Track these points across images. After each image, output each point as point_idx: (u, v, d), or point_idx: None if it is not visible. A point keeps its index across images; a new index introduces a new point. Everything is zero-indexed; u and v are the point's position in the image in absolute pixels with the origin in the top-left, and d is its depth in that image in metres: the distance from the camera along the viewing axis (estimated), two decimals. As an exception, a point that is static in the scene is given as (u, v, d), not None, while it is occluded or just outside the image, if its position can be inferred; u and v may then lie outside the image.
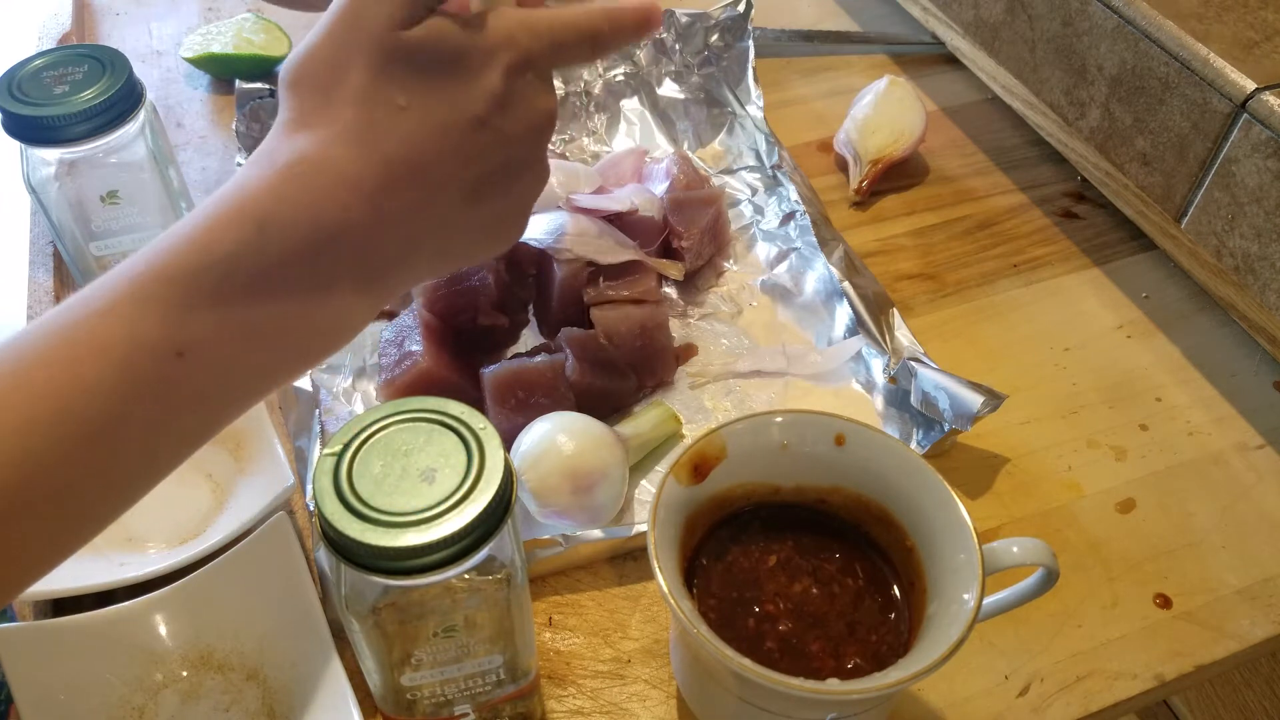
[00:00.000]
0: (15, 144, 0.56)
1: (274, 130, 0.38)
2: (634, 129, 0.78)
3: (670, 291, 0.67)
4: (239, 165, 0.69)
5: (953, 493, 0.43)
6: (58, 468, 0.32)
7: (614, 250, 0.62)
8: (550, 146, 0.76)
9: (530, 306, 0.65)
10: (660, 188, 0.69)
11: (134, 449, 0.34)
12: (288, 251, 0.35)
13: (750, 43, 0.78)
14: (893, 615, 0.45)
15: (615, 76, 0.79)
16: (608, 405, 0.59)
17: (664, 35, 0.79)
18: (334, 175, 0.36)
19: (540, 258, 0.63)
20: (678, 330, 0.65)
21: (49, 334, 0.33)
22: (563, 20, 0.41)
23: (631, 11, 0.42)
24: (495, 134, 0.39)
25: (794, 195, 0.69)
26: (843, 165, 0.77)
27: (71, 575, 0.49)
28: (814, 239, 0.66)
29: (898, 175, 0.76)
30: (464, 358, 0.60)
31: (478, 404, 0.53)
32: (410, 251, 0.38)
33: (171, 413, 0.34)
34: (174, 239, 0.35)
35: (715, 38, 0.80)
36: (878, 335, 0.61)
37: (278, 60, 0.82)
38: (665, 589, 0.40)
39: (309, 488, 0.53)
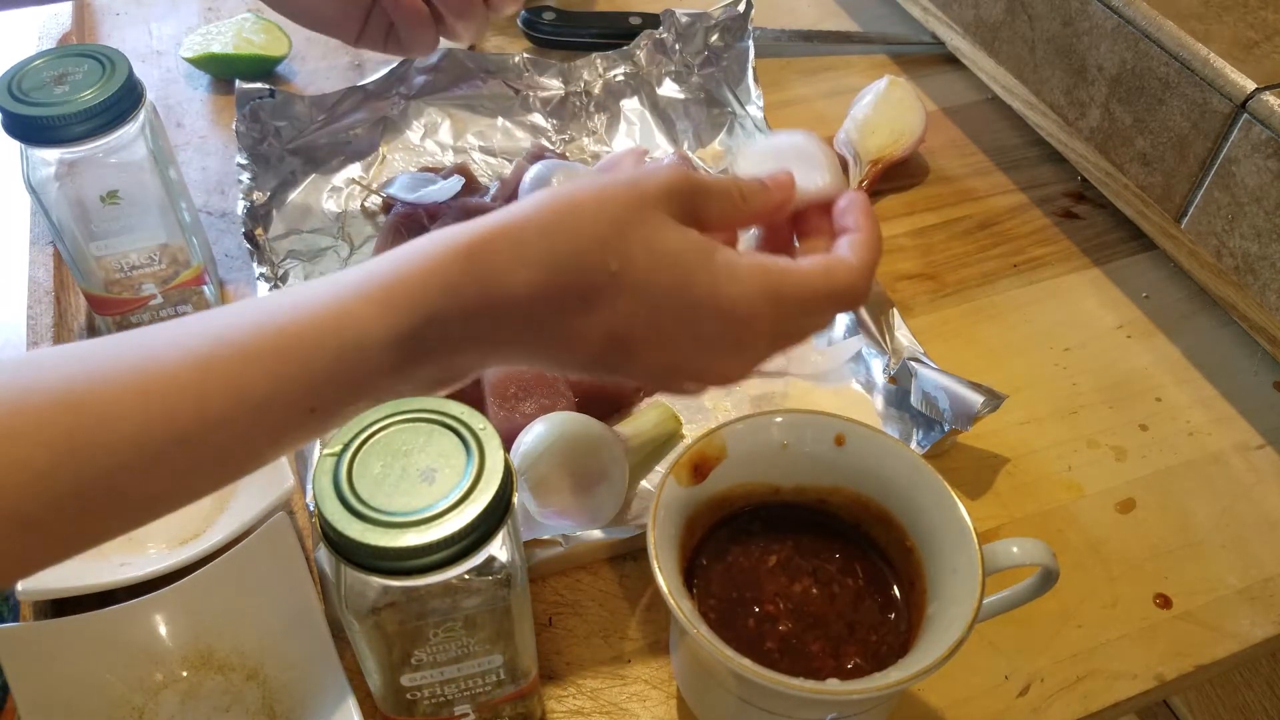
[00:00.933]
0: (15, 144, 0.56)
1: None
2: (634, 129, 0.78)
3: (670, 291, 0.67)
4: (239, 164, 0.69)
5: (952, 493, 0.43)
6: (149, 480, 0.34)
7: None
8: (550, 146, 0.76)
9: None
10: (660, 188, 0.69)
11: (226, 471, 0.35)
12: (427, 350, 0.36)
13: (750, 43, 0.78)
14: (892, 615, 0.45)
15: (615, 77, 0.79)
16: (608, 405, 0.59)
17: (664, 35, 0.80)
18: (504, 299, 0.36)
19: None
20: (678, 330, 0.64)
21: (188, 363, 0.33)
22: (825, 294, 0.41)
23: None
24: (698, 360, 0.40)
25: (794, 195, 0.69)
26: (843, 165, 0.77)
27: (71, 575, 0.49)
28: (814, 239, 0.66)
29: (898, 175, 0.76)
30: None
31: (478, 404, 0.53)
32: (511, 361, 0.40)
33: (273, 451, 0.35)
34: (325, 309, 0.34)
35: (715, 38, 0.80)
36: (878, 335, 0.61)
37: (277, 60, 0.82)
38: (665, 589, 0.40)
39: (309, 488, 0.53)
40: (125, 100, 0.56)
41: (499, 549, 0.37)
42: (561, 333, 0.38)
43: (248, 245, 0.65)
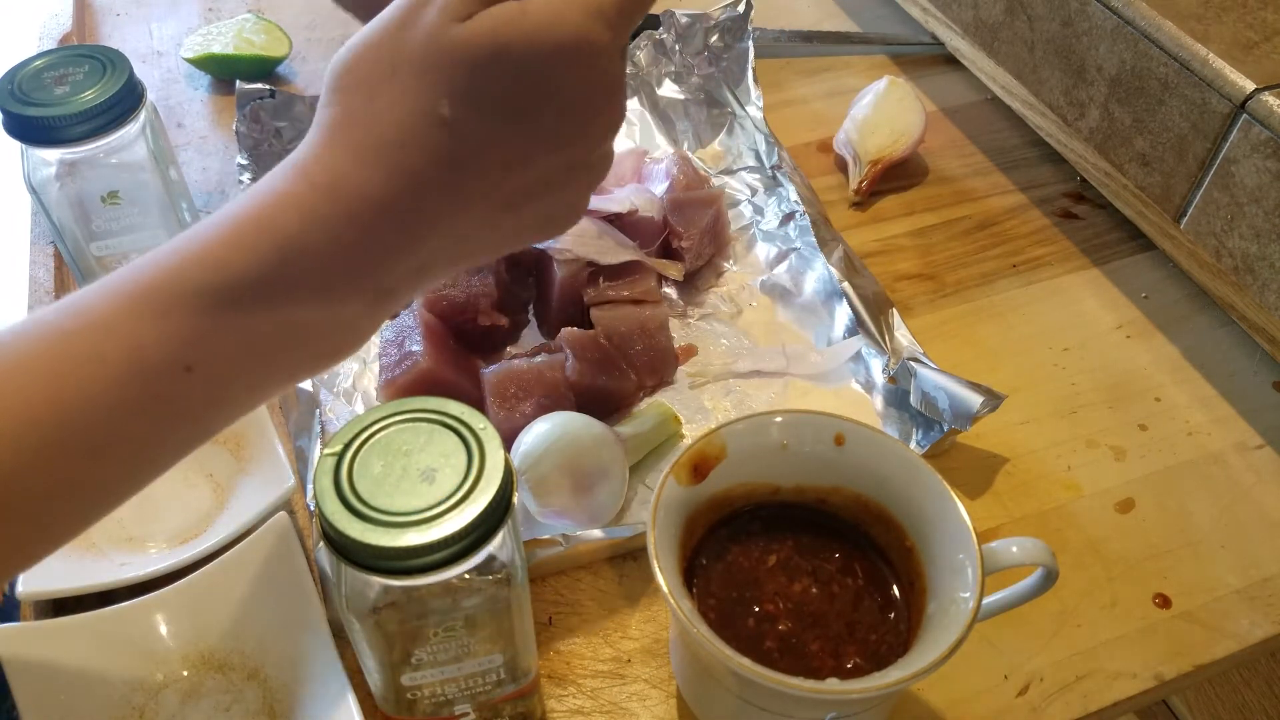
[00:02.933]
0: (16, 144, 0.56)
1: (312, 134, 0.36)
2: (634, 129, 0.78)
3: (670, 292, 0.67)
4: (239, 165, 0.69)
5: (952, 493, 0.43)
6: (40, 477, 0.31)
7: (614, 250, 0.62)
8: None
9: (530, 306, 0.65)
10: (660, 188, 0.69)
11: (127, 459, 0.33)
12: (304, 271, 0.34)
13: (750, 43, 0.78)
14: (892, 615, 0.45)
15: None
16: (608, 405, 0.59)
17: (664, 36, 0.80)
18: (360, 197, 0.34)
19: (540, 258, 0.63)
20: (678, 330, 0.65)
21: (44, 343, 0.31)
22: None
23: None
24: (553, 138, 0.36)
25: (794, 196, 0.69)
26: (842, 166, 0.77)
27: (72, 575, 0.49)
28: (813, 239, 0.66)
29: (897, 175, 0.76)
30: (464, 358, 0.60)
31: (478, 404, 0.53)
32: (433, 260, 0.37)
33: (171, 425, 0.34)
34: (185, 252, 0.34)
35: (715, 38, 0.80)
36: (877, 335, 0.61)
37: (278, 60, 0.82)
38: (665, 589, 0.40)
39: (309, 488, 0.53)
40: (126, 101, 0.56)
41: (499, 549, 0.37)
42: (443, 207, 0.36)
43: (248, 245, 0.65)
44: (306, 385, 0.58)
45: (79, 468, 0.32)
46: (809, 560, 0.46)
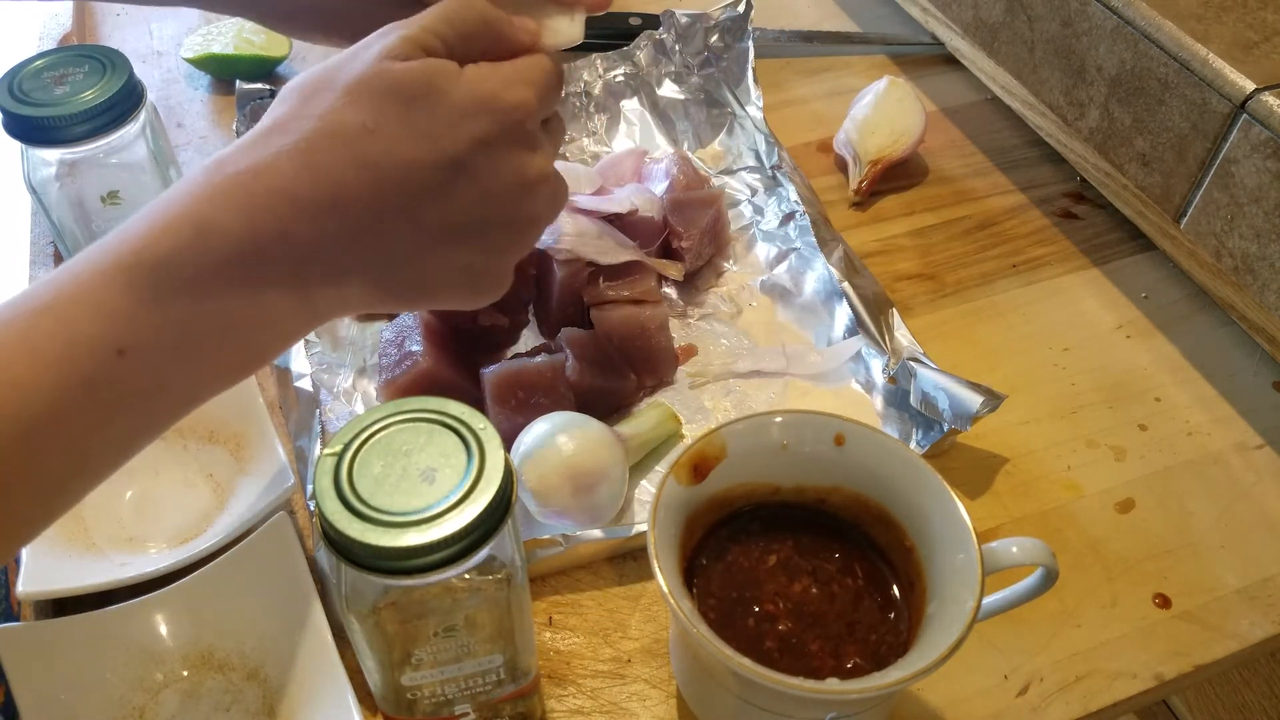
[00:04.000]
0: (16, 144, 0.56)
1: (243, 136, 0.38)
2: (634, 129, 0.78)
3: (670, 292, 0.67)
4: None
5: (952, 493, 0.43)
6: None
7: (614, 250, 0.62)
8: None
9: (530, 306, 0.65)
10: (660, 188, 0.69)
11: (67, 450, 0.33)
12: (223, 257, 0.35)
13: (750, 43, 0.78)
14: (892, 615, 0.45)
15: (615, 77, 0.79)
16: (608, 405, 0.59)
17: (664, 36, 0.80)
18: (276, 189, 0.36)
19: (540, 258, 0.63)
20: (678, 330, 0.65)
21: None
22: (547, 71, 0.41)
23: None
24: (472, 183, 0.39)
25: (794, 196, 0.69)
26: (842, 166, 0.77)
27: (72, 575, 0.49)
28: (813, 239, 0.66)
29: (897, 176, 0.76)
30: (464, 358, 0.60)
31: (478, 404, 0.53)
32: (354, 274, 0.38)
33: (108, 413, 0.34)
34: (116, 238, 0.35)
35: (715, 38, 0.80)
36: (877, 335, 0.61)
37: (278, 61, 0.82)
38: (665, 589, 0.40)
39: (309, 487, 0.53)
40: (126, 101, 0.56)
41: (499, 549, 0.37)
42: (364, 223, 0.37)
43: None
44: (306, 385, 0.58)
45: (17, 457, 0.32)
46: (809, 560, 0.46)
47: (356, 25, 0.52)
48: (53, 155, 0.56)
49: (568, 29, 0.44)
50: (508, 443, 0.54)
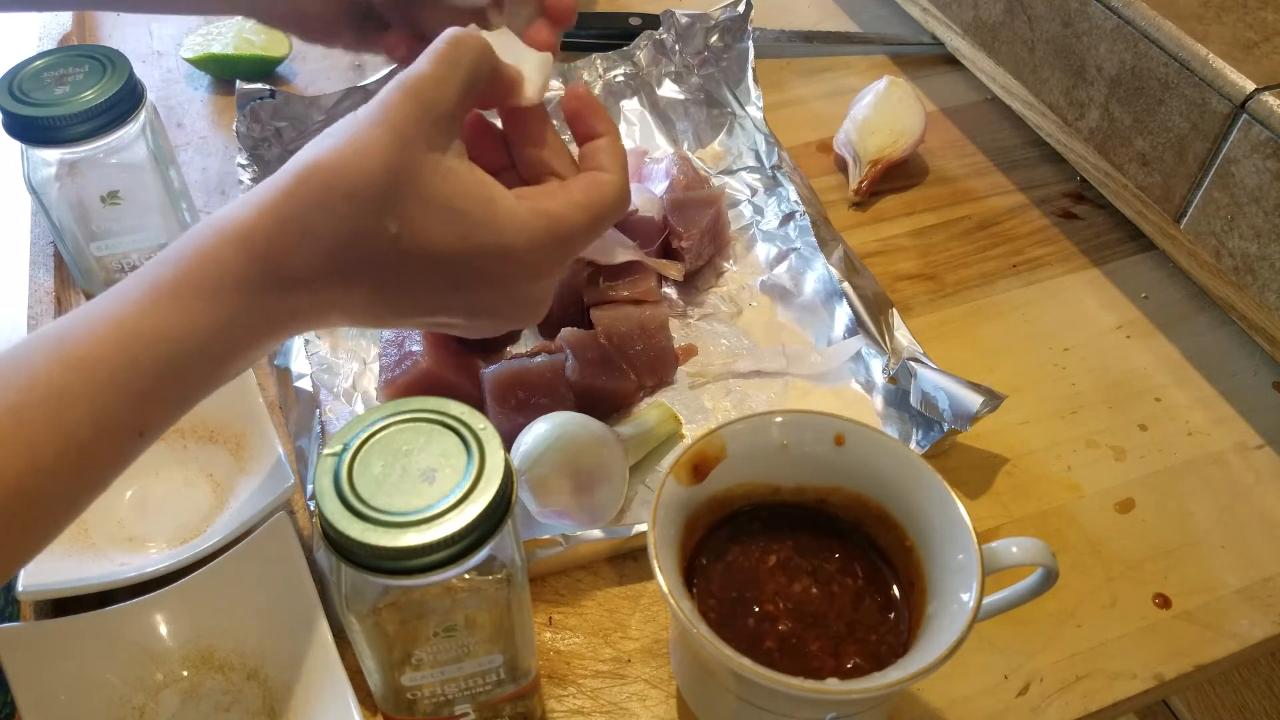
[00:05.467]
0: (16, 144, 0.56)
1: (263, 196, 0.37)
2: (634, 129, 0.78)
3: (670, 292, 0.67)
4: (239, 165, 0.69)
5: (952, 492, 0.43)
6: None
7: (614, 250, 0.62)
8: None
9: (530, 307, 0.65)
10: (660, 188, 0.69)
11: (67, 514, 0.35)
12: (235, 337, 0.37)
13: (750, 43, 0.78)
14: (892, 615, 0.45)
15: (615, 77, 0.79)
16: (608, 405, 0.59)
17: (664, 36, 0.80)
18: (293, 280, 0.37)
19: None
20: (678, 330, 0.65)
21: (5, 415, 0.32)
22: (598, 216, 0.43)
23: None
24: (471, 303, 0.41)
25: (794, 196, 0.69)
26: (842, 166, 0.77)
27: (72, 575, 0.49)
28: (814, 239, 0.66)
29: (897, 176, 0.76)
30: (464, 358, 0.60)
31: (478, 404, 0.53)
32: (318, 325, 0.41)
33: (112, 477, 0.35)
34: (129, 319, 0.35)
35: (715, 38, 0.80)
36: (877, 335, 0.61)
37: (278, 60, 0.82)
38: (665, 589, 0.40)
39: (309, 488, 0.53)
40: (126, 101, 0.56)
41: (499, 549, 0.37)
42: (362, 299, 0.39)
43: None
44: (306, 385, 0.58)
45: (20, 527, 0.33)
46: (809, 560, 0.46)
47: (344, 34, 0.52)
48: (53, 155, 0.56)
49: (535, 83, 0.44)
50: (508, 443, 0.54)
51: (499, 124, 0.46)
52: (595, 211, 0.42)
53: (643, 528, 0.52)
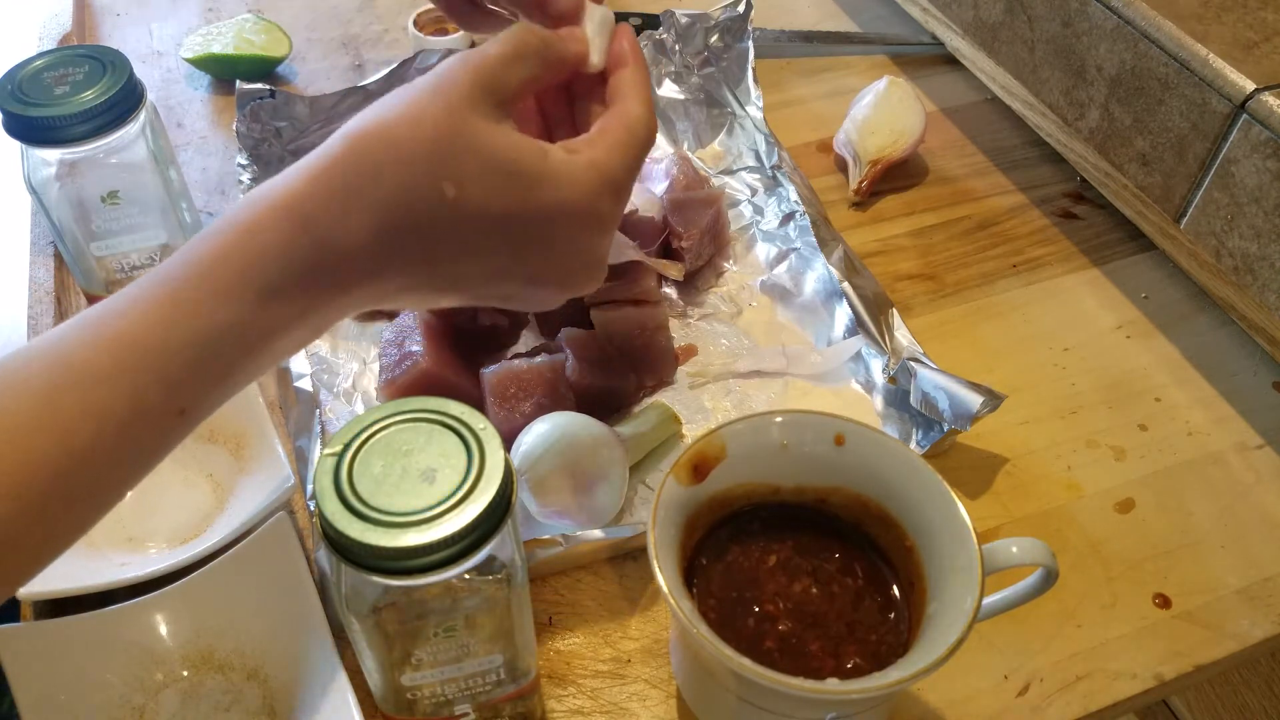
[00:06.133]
0: (16, 144, 0.56)
1: (312, 165, 0.36)
2: (634, 129, 0.78)
3: (670, 292, 0.67)
4: (239, 165, 0.69)
5: (952, 493, 0.43)
6: (29, 527, 0.32)
7: (614, 250, 0.62)
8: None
9: (530, 307, 0.65)
10: (660, 188, 0.69)
11: (105, 500, 0.34)
12: (280, 316, 0.36)
13: (750, 43, 0.78)
14: (892, 615, 0.45)
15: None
16: (608, 405, 0.59)
17: (664, 36, 0.80)
18: (343, 251, 0.36)
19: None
20: (678, 330, 0.65)
21: (38, 398, 0.32)
22: (636, 149, 0.42)
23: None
24: (527, 272, 0.40)
25: (794, 196, 0.69)
26: (842, 166, 0.77)
27: (71, 575, 0.49)
28: (813, 239, 0.66)
29: (897, 176, 0.76)
30: (464, 358, 0.60)
31: (478, 404, 0.53)
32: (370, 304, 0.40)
33: (156, 458, 0.35)
34: (171, 301, 0.34)
35: (715, 38, 0.80)
36: (877, 335, 0.61)
37: (278, 60, 0.82)
38: (665, 589, 0.40)
39: (309, 487, 0.53)
40: (126, 101, 0.56)
41: (499, 549, 0.37)
42: (416, 271, 0.38)
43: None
44: (306, 385, 0.58)
45: (58, 514, 0.33)
46: (809, 560, 0.46)
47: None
48: (53, 155, 0.56)
49: (599, 46, 0.44)
50: (508, 443, 0.54)
51: None
52: (634, 150, 0.42)
53: (643, 528, 0.52)
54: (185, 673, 0.49)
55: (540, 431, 0.52)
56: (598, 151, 0.40)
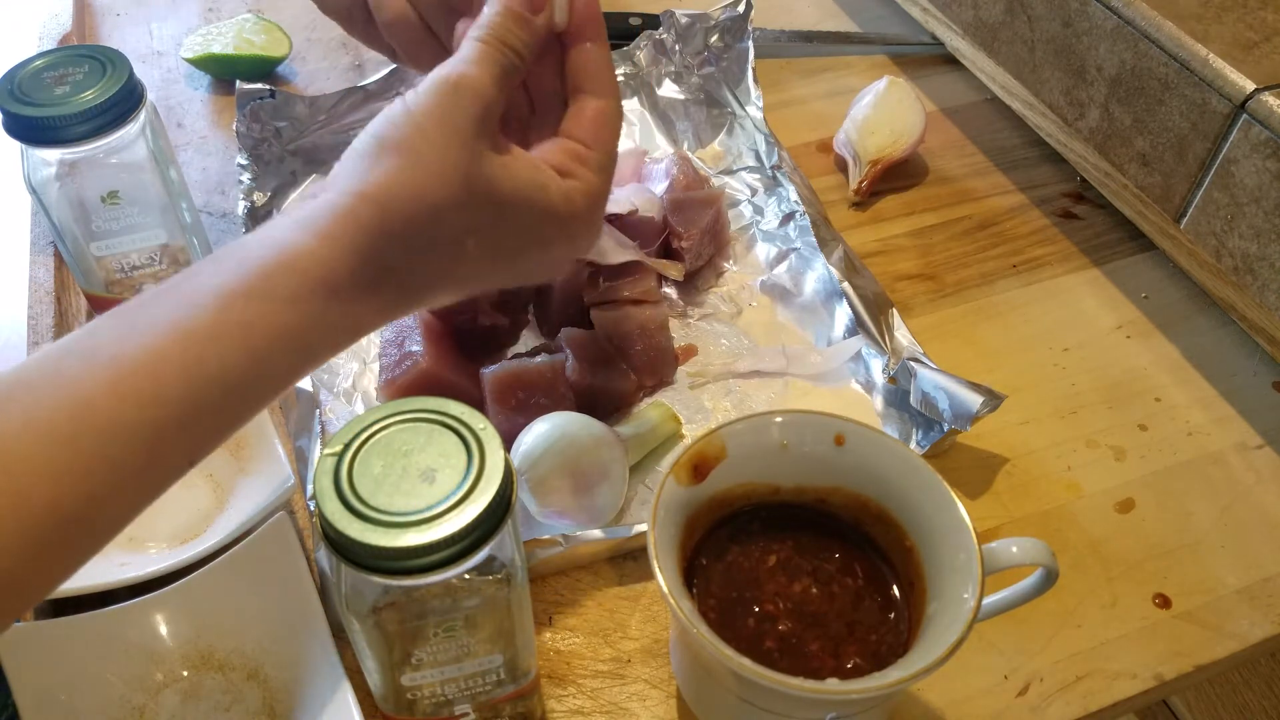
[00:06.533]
0: (16, 144, 0.56)
1: (335, 199, 0.36)
2: (634, 129, 0.78)
3: (670, 292, 0.67)
4: (239, 165, 0.69)
5: (952, 493, 0.43)
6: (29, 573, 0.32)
7: (614, 250, 0.62)
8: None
9: (530, 306, 0.65)
10: (660, 188, 0.69)
11: (107, 539, 0.34)
12: (296, 366, 0.36)
13: (750, 43, 0.78)
14: (892, 615, 0.45)
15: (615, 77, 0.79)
16: (608, 405, 0.59)
17: (664, 36, 0.80)
18: (367, 310, 0.37)
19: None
20: (678, 330, 0.65)
21: (59, 442, 0.31)
22: (613, 129, 0.43)
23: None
24: (515, 270, 0.42)
25: (794, 196, 0.69)
26: (842, 166, 0.77)
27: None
28: (813, 239, 0.66)
29: (897, 176, 0.76)
30: (464, 358, 0.60)
31: (478, 404, 0.53)
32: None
33: (153, 500, 0.35)
34: (205, 332, 0.34)
35: (715, 38, 0.80)
36: (877, 335, 0.61)
37: (278, 60, 0.82)
38: (665, 589, 0.40)
39: (309, 487, 0.53)
40: (126, 101, 0.56)
41: (499, 549, 0.37)
42: (426, 298, 0.40)
43: (248, 245, 0.65)
44: (306, 385, 0.58)
45: (57, 560, 0.33)
46: (809, 560, 0.46)
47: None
48: (53, 155, 0.56)
49: (561, 4, 0.44)
50: (508, 443, 0.54)
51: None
52: (609, 150, 0.44)
53: (643, 528, 0.52)
54: (185, 673, 0.49)
55: (540, 431, 0.52)
56: (590, 172, 0.42)
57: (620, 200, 0.65)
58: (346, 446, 0.36)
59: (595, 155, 0.43)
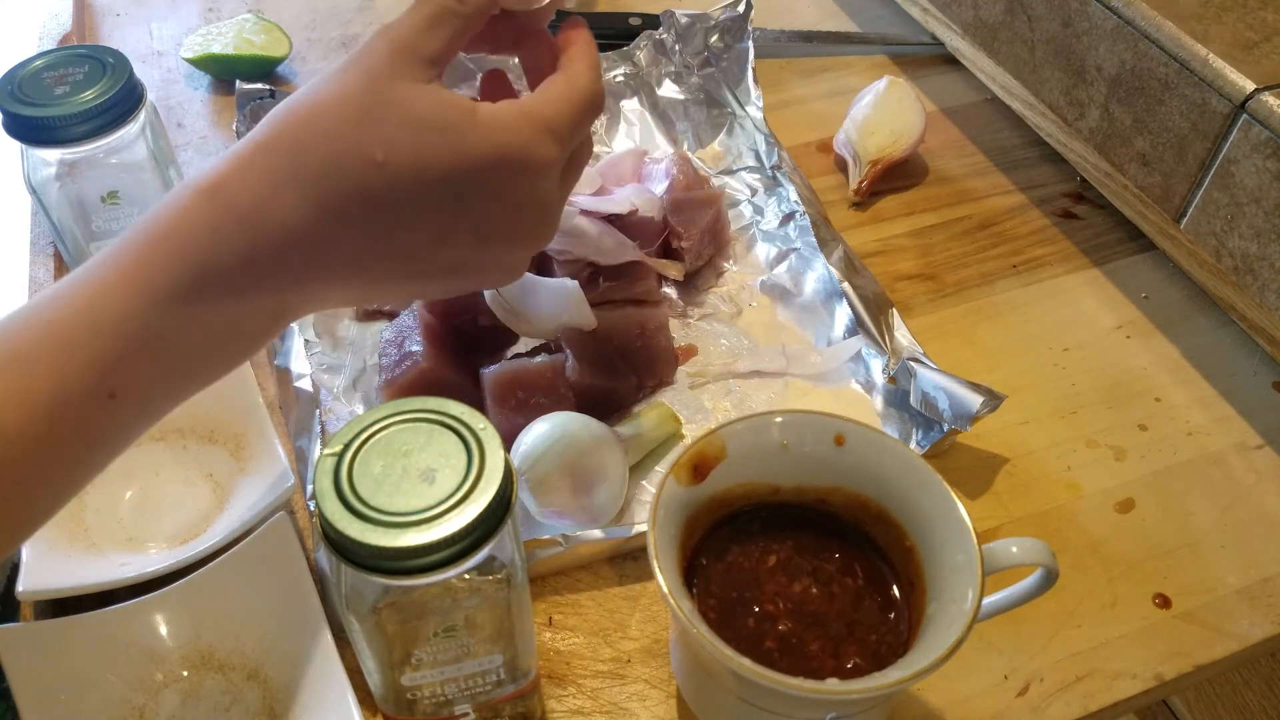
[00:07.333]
0: (16, 144, 0.56)
1: (236, 149, 0.37)
2: (634, 129, 0.78)
3: (670, 292, 0.67)
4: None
5: (952, 493, 0.43)
6: None
7: (614, 251, 0.62)
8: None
9: (530, 307, 0.65)
10: (660, 188, 0.69)
11: (48, 488, 0.34)
12: (218, 291, 0.35)
13: (750, 43, 0.78)
14: (892, 615, 0.45)
15: (615, 77, 0.79)
16: (608, 405, 0.59)
17: (664, 36, 0.80)
18: (277, 226, 0.36)
19: (540, 258, 0.63)
20: (678, 330, 0.65)
21: None
22: (583, 104, 0.41)
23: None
24: (477, 227, 0.40)
25: (794, 196, 0.69)
26: (842, 166, 0.77)
27: (72, 575, 0.49)
28: (813, 239, 0.66)
29: (897, 176, 0.76)
30: (464, 358, 0.60)
31: (478, 404, 0.53)
32: (335, 294, 0.39)
33: (94, 450, 0.34)
34: (99, 281, 0.34)
35: (715, 38, 0.80)
36: (877, 335, 0.61)
37: (278, 60, 0.82)
38: (665, 589, 0.40)
39: (309, 487, 0.53)
40: (126, 101, 0.56)
41: (499, 549, 0.37)
42: (359, 247, 0.38)
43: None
44: (306, 385, 0.58)
45: (6, 494, 0.32)
46: (809, 560, 0.46)
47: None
48: (53, 155, 0.56)
49: None
50: (508, 443, 0.54)
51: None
52: (575, 102, 0.42)
53: (643, 528, 0.52)
54: (185, 673, 0.49)
55: (540, 431, 0.52)
56: (531, 100, 0.40)
57: (620, 200, 0.65)
58: (346, 446, 0.36)
59: (550, 89, 0.41)
